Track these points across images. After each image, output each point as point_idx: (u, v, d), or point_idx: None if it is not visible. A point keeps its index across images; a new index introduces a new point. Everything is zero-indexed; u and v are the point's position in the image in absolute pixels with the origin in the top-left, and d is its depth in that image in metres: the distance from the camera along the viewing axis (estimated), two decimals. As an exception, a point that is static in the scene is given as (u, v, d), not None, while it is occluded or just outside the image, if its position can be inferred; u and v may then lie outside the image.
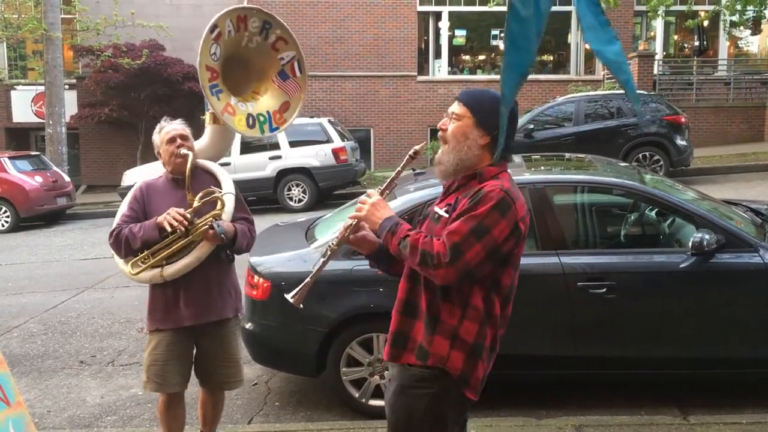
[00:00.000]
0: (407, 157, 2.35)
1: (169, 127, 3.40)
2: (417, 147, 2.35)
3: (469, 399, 2.27)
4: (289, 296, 2.42)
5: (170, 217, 3.16)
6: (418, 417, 2.26)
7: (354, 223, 2.38)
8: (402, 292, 2.36)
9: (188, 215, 3.20)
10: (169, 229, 3.18)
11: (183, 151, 3.31)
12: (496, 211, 2.13)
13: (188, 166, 3.27)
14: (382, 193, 2.37)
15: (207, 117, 3.70)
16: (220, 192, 3.33)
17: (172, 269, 3.24)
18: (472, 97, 2.30)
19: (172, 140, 3.34)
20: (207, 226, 3.20)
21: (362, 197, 2.37)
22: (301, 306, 2.45)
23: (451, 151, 2.27)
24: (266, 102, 3.75)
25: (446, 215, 2.24)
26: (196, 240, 3.23)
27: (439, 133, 2.33)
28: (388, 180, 2.41)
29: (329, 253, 2.42)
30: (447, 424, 2.27)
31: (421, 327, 2.26)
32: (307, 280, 2.41)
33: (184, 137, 3.37)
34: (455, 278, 2.13)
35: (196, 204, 3.26)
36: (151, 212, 3.33)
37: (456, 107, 2.30)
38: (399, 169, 2.40)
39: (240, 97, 3.67)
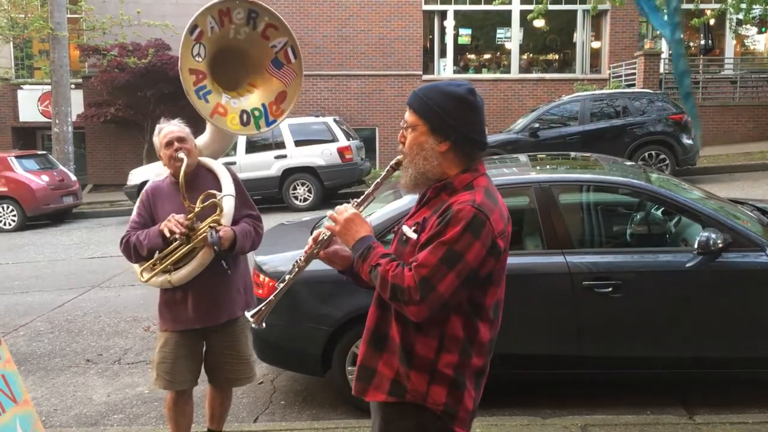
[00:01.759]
0: (388, 168, 2.19)
1: (166, 130, 3.33)
2: (399, 157, 2.11)
3: None
4: (248, 314, 2.24)
5: (171, 224, 3.15)
6: None
7: (325, 237, 2.17)
8: (371, 320, 2.14)
9: (187, 222, 3.18)
10: (169, 236, 3.17)
11: (180, 154, 3.25)
12: (467, 233, 1.88)
13: (182, 172, 3.19)
14: (359, 206, 2.15)
15: None
16: (219, 195, 3.27)
17: (179, 275, 3.24)
18: (421, 101, 2.05)
19: (169, 144, 3.28)
20: (206, 234, 3.19)
21: (338, 209, 2.13)
22: (263, 325, 2.23)
23: (409, 165, 2.05)
24: (261, 94, 3.62)
25: (414, 236, 2.01)
26: (198, 246, 3.22)
27: (399, 147, 2.11)
28: (366, 192, 2.22)
29: (296, 270, 2.20)
30: None
31: (389, 360, 2.05)
32: (270, 298, 2.20)
33: (181, 139, 3.30)
34: (428, 314, 1.91)
35: (197, 208, 3.23)
36: (157, 216, 3.33)
37: (407, 115, 2.07)
38: (378, 181, 2.22)
39: (234, 92, 3.57)
